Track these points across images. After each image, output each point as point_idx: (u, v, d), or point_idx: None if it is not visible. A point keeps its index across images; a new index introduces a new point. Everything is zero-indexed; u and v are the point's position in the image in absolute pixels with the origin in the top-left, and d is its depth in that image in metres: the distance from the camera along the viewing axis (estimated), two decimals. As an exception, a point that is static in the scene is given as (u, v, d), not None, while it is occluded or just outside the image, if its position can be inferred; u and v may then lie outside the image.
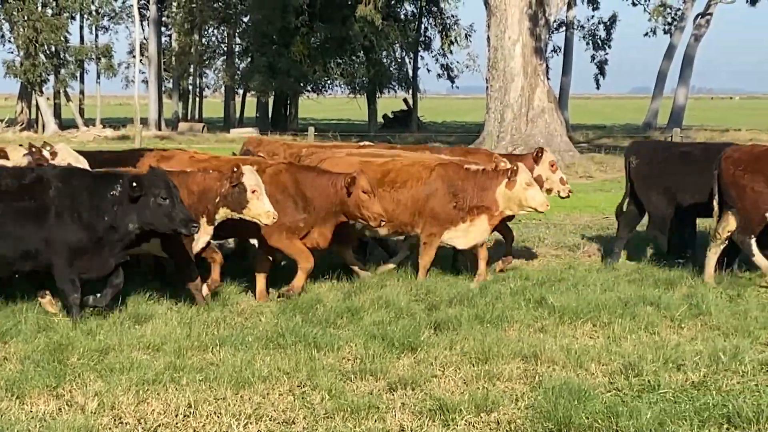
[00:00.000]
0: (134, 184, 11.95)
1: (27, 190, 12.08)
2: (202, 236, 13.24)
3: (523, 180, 14.54)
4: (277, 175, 13.99)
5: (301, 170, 14.29)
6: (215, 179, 13.19)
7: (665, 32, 65.24)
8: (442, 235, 14.79)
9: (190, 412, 8.85)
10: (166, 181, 12.15)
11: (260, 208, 12.99)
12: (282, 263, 14.56)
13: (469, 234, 14.80)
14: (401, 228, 15.04)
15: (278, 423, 8.73)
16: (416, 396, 9.41)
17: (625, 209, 17.07)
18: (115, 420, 8.75)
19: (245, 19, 76.69)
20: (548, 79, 42.49)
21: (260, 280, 13.99)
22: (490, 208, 14.67)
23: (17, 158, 14.56)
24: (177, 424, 8.69)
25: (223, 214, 13.20)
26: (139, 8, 72.36)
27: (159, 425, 8.65)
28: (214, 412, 8.84)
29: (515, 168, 14.56)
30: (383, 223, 13.99)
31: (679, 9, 64.77)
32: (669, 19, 63.34)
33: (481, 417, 8.83)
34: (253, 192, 12.95)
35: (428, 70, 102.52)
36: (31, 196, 12.05)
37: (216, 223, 13.31)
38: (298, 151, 17.92)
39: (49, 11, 68.37)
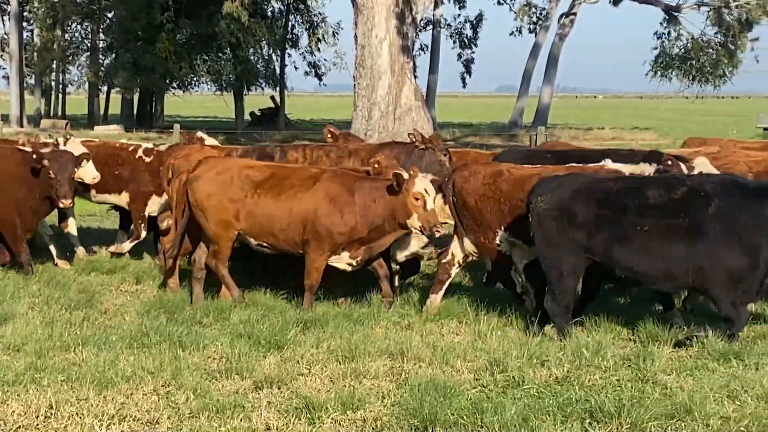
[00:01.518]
0: None
1: (681, 205, 10.89)
2: None
3: None
4: None
5: None
6: None
7: (530, 32, 65.99)
8: None
9: (52, 413, 8.69)
10: None
11: None
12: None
13: None
14: None
15: (142, 423, 8.63)
16: (282, 394, 9.38)
17: None
18: (-27, 423, 8.57)
19: (109, 15, 75.59)
20: (415, 77, 42.76)
21: None
22: None
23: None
24: (38, 425, 8.53)
25: None
26: (-1, 3, 70.94)
27: (19, 427, 8.48)
28: (76, 413, 8.69)
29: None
30: None
31: (544, 8, 65.72)
32: (534, 19, 64.23)
33: (348, 415, 8.83)
34: None
35: (296, 68, 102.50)
36: (686, 212, 10.84)
37: None
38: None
39: None
